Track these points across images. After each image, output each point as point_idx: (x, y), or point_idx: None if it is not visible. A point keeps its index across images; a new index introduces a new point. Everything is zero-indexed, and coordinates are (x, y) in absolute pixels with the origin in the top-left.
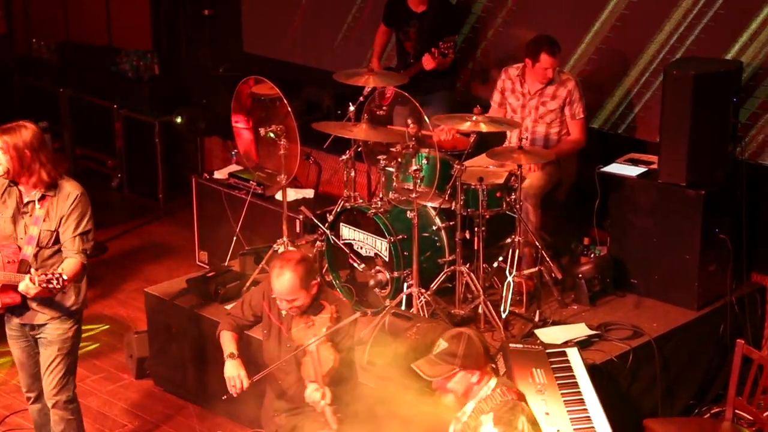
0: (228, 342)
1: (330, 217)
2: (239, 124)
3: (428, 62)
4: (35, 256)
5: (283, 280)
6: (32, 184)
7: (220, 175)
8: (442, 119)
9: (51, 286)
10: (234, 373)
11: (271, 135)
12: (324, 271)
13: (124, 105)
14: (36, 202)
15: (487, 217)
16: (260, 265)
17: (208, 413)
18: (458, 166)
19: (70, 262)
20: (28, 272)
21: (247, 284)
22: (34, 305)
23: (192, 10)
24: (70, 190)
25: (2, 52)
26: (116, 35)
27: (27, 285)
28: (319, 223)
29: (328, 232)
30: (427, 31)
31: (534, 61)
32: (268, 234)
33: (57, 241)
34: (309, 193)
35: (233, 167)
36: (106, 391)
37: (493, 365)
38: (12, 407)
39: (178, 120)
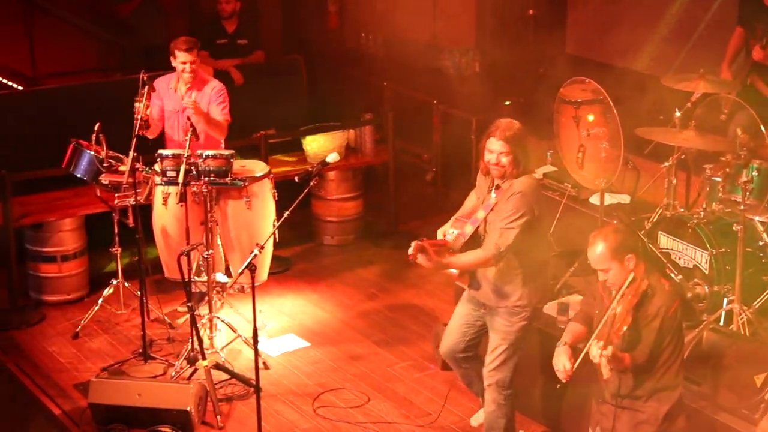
0: (566, 332)
1: (647, 225)
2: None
3: (756, 53)
4: (471, 236)
5: (594, 248)
6: (508, 175)
7: (534, 175)
8: None
9: None
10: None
11: (594, 130)
12: None
13: (443, 100)
14: (493, 190)
15: None
16: (572, 267)
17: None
18: None
19: (471, 253)
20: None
21: (558, 285)
22: (489, 287)
23: (517, 9)
24: (519, 184)
25: (334, 45)
26: (440, 32)
27: None
28: (635, 230)
29: (645, 239)
30: None
31: None
32: (580, 237)
33: None
34: (625, 198)
35: (547, 168)
36: (412, 379)
37: None
38: (326, 385)
39: (507, 103)
